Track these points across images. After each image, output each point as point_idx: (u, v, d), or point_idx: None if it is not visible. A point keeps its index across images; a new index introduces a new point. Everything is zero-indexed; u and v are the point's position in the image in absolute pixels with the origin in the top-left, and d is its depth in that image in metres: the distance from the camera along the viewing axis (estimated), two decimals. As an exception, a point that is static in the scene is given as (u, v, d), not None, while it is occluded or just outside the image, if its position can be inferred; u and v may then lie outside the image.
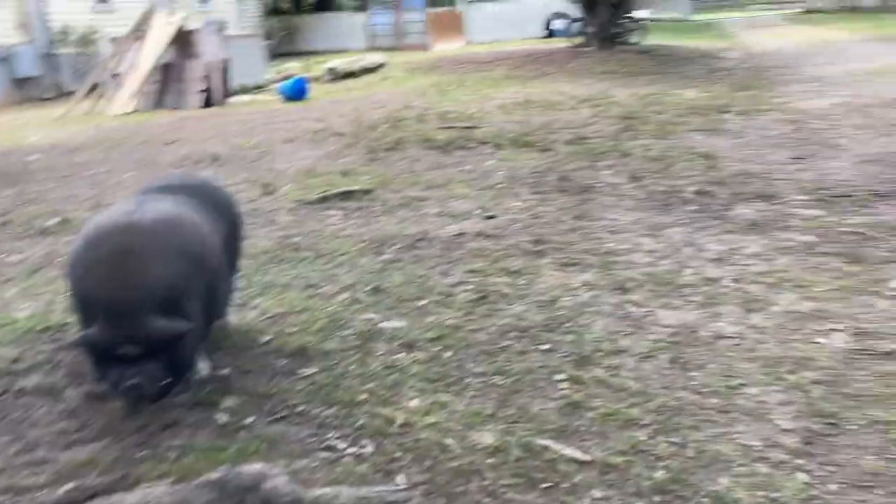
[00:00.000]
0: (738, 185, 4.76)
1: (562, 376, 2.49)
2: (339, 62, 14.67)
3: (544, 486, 1.96)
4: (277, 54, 18.58)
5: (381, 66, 14.53)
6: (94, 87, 11.48)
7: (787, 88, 9.01)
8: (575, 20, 16.94)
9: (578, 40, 16.14)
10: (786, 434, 2.13)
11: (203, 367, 2.52)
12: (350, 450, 2.13)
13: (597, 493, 1.92)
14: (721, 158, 5.50)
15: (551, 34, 21.42)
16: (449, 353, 2.67)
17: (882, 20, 20.54)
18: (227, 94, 11.79)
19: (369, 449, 2.14)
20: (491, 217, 4.34)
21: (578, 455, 2.07)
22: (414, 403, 2.35)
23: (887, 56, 11.56)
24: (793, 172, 5.02)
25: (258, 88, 13.55)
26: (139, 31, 11.59)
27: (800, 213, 4.13)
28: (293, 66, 15.60)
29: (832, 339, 2.68)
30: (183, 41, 11.49)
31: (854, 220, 3.92)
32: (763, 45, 15.91)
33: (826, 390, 2.34)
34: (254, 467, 1.89)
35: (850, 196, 4.35)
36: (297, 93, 11.37)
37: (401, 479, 1.99)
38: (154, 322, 2.12)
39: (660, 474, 1.97)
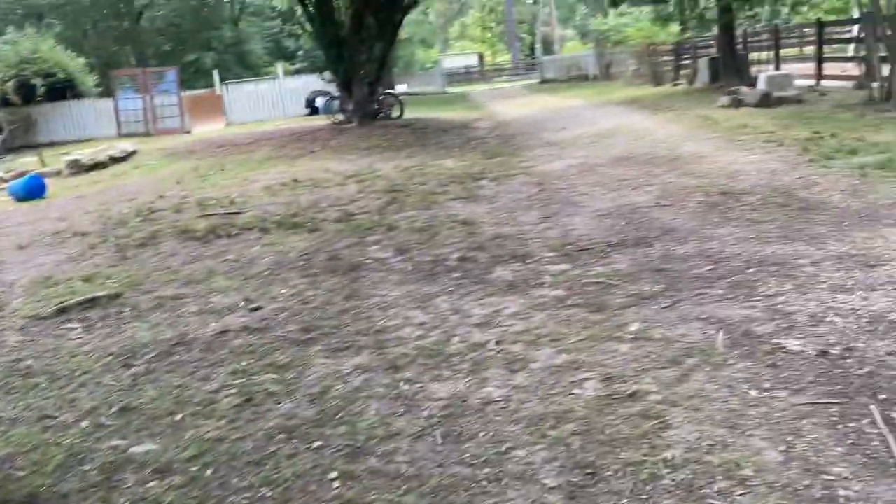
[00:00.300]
0: (495, 248, 5.05)
1: (334, 474, 2.37)
2: (83, 152, 13.56)
3: None
4: (10, 149, 16.77)
5: (132, 153, 13.68)
6: None
7: (532, 153, 9.89)
8: (334, 97, 17.37)
9: (340, 117, 16.56)
10: (552, 492, 2.20)
11: None
12: None
13: None
14: (479, 224, 5.82)
15: (314, 112, 21.77)
16: (210, 472, 2.43)
17: (604, 87, 23.66)
18: (-54, 198, 10.33)
19: None
20: (257, 309, 4.15)
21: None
22: (169, 539, 2.09)
23: (610, 119, 13.23)
24: (542, 231, 5.44)
25: (-16, 190, 12.04)
26: None
27: (550, 270, 4.45)
28: (28, 161, 14.14)
29: (585, 388, 2.86)
30: None
31: (595, 271, 4.31)
32: (509, 114, 17.46)
33: (584, 440, 2.47)
34: None
35: (590, 249, 4.79)
36: (31, 191, 10.27)
37: None
38: None
39: (438, 563, 1.92)
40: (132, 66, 29.97)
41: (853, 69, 13.33)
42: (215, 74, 25.11)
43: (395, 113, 17.50)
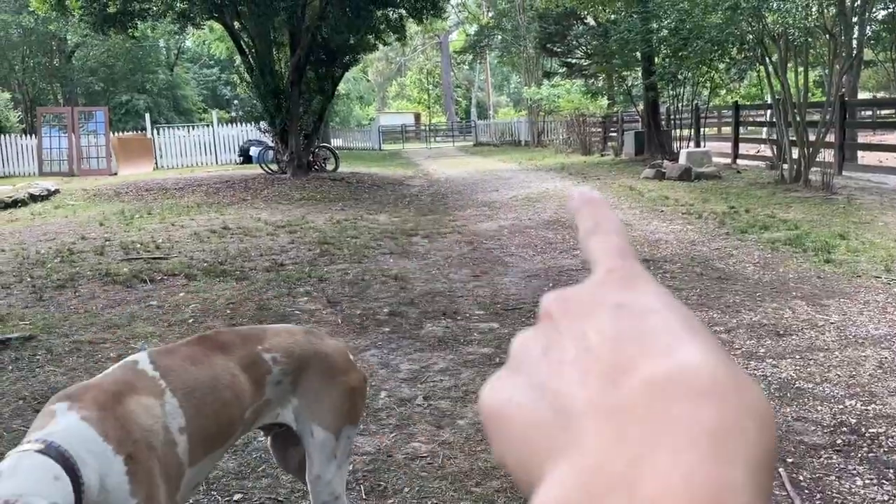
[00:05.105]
0: (426, 303, 5.09)
1: (255, 529, 2.31)
2: (0, 189, 13.01)
3: None
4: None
5: (54, 192, 13.20)
6: None
7: (464, 213, 10.09)
8: (269, 147, 17.32)
9: (274, 167, 16.49)
10: (477, 550, 2.20)
11: None
12: None
13: None
14: (411, 279, 5.87)
15: (247, 160, 21.59)
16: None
17: (536, 153, 24.42)
18: None
19: None
20: (179, 356, 4.03)
21: None
22: None
23: (541, 184, 13.64)
24: (472, 289, 5.52)
25: None
26: None
27: (479, 327, 4.52)
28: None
29: (511, 446, 2.89)
30: None
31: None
32: (442, 174, 17.77)
33: (508, 498, 2.49)
34: None
35: (518, 308, 4.89)
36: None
37: None
38: None
39: None
40: (60, 104, 29.20)
41: (766, 150, 14.26)
42: (147, 117, 24.72)
43: (330, 166, 17.57)
